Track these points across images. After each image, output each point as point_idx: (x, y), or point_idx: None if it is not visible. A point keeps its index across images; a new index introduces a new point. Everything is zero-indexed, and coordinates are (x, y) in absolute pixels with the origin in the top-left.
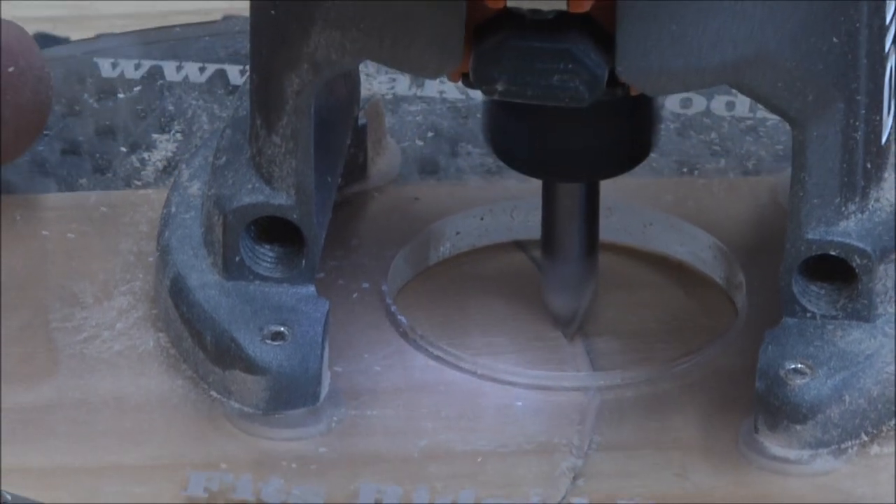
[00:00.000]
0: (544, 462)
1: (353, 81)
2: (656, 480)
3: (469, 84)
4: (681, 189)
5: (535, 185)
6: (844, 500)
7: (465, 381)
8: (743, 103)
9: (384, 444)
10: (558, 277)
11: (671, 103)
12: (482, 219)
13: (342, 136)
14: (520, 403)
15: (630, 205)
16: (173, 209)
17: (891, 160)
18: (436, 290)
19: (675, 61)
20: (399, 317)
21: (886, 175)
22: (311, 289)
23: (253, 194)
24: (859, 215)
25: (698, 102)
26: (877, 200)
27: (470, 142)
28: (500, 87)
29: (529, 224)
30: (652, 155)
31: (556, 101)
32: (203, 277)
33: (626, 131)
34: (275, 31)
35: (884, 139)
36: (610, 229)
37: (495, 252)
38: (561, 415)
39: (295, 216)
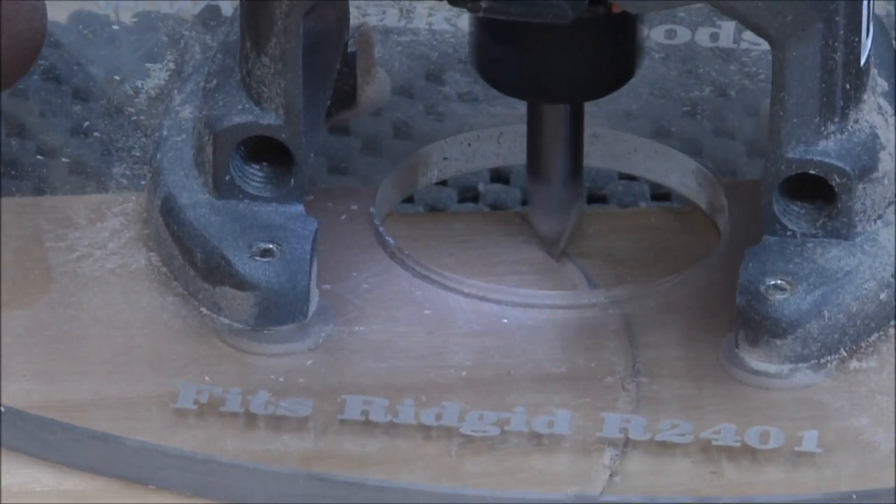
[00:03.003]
0: (528, 376)
1: (342, 7)
2: (637, 395)
3: (454, 2)
4: (665, 116)
5: (521, 111)
6: (823, 413)
7: (451, 299)
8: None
9: (371, 359)
10: (544, 199)
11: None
12: (469, 145)
13: (331, 61)
14: (505, 320)
15: (615, 131)
16: (165, 132)
17: (869, 82)
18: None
19: None
20: (387, 237)
21: (865, 97)
22: (300, 208)
23: (242, 114)
24: (839, 135)
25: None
26: (856, 122)
27: (457, 71)
28: (484, 4)
29: (515, 149)
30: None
31: (540, 18)
32: (194, 197)
33: (609, 53)
34: None
35: (862, 61)
36: (596, 155)
37: (483, 176)
38: (545, 331)
39: (283, 136)
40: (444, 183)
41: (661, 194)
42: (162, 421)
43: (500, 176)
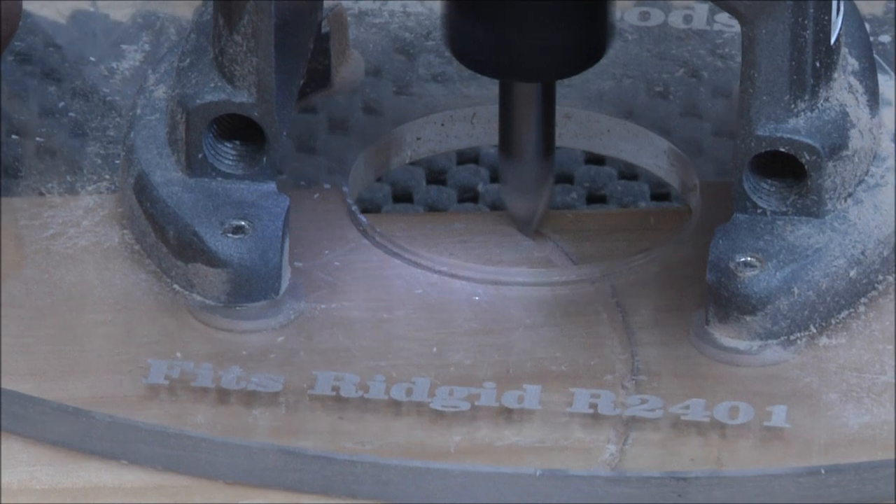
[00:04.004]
0: (498, 351)
1: None
2: (607, 369)
3: None
4: (638, 97)
5: (495, 92)
6: (792, 389)
7: (423, 277)
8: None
9: (342, 336)
10: (516, 178)
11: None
12: (442, 125)
13: (304, 40)
14: (477, 297)
15: (588, 112)
16: (139, 111)
17: (840, 61)
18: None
19: None
20: (359, 216)
21: (836, 75)
22: (272, 185)
23: (215, 92)
24: (809, 113)
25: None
26: (826, 100)
27: (431, 52)
28: None
29: (489, 130)
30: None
31: None
32: (167, 175)
33: (580, 32)
34: None
35: (833, 39)
36: (568, 135)
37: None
38: (516, 308)
39: (256, 114)
40: (443, 183)
41: (661, 194)
42: (133, 396)
43: (499, 176)
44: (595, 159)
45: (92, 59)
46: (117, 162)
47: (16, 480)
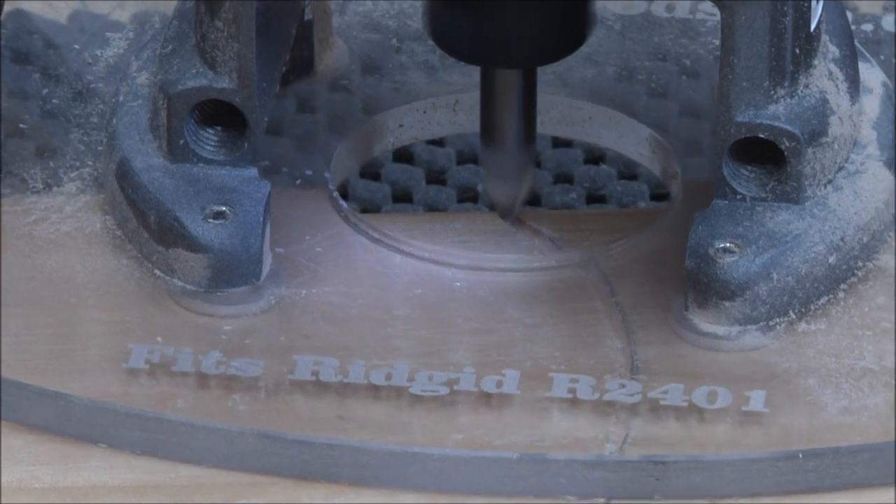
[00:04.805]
0: (477, 338)
1: None
2: (588, 355)
3: None
4: (619, 85)
5: (478, 80)
6: (771, 374)
7: (404, 263)
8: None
9: (322, 321)
10: (497, 165)
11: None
12: (425, 112)
13: (287, 27)
14: (458, 284)
15: (570, 99)
16: (121, 98)
17: (820, 48)
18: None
19: None
20: (341, 202)
21: (816, 62)
22: (254, 171)
23: (196, 78)
24: (788, 100)
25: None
26: (806, 86)
27: (414, 40)
28: None
29: (472, 117)
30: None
31: None
32: (148, 160)
33: (560, 18)
34: None
35: (813, 26)
36: (551, 123)
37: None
38: (498, 294)
39: (237, 99)
40: (443, 183)
41: (660, 194)
42: (113, 380)
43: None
44: (594, 159)
45: (76, 46)
46: (100, 148)
47: (16, 479)
